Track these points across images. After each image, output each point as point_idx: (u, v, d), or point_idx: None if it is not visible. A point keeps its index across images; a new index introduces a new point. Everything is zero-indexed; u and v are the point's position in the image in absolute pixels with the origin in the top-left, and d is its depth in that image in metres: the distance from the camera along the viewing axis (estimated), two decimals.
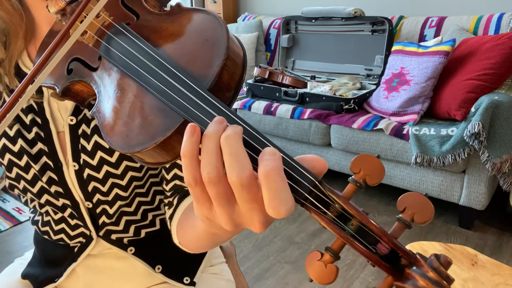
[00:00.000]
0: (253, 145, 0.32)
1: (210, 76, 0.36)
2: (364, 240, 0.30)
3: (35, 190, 0.63)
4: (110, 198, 0.64)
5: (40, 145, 0.62)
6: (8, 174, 0.63)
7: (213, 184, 0.31)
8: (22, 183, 0.63)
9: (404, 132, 2.02)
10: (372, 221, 0.30)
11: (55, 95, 0.44)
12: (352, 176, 0.32)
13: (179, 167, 0.62)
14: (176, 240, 0.58)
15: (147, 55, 0.39)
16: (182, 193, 0.62)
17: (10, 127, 0.61)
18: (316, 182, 0.31)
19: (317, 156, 0.33)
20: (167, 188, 0.63)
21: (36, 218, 0.73)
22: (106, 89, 0.41)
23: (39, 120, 0.62)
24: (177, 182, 0.62)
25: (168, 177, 0.63)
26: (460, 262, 1.05)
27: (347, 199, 0.31)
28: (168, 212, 0.62)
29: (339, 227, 0.31)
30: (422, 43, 2.24)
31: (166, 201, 0.64)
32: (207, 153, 0.31)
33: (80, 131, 0.62)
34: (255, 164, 0.31)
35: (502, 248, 1.89)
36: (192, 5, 3.82)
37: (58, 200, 0.65)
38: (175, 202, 0.61)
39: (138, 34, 0.41)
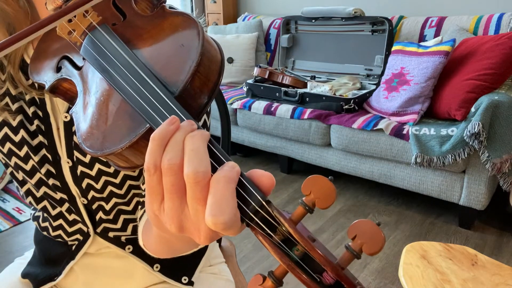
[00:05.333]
0: (217, 154, 0.32)
1: (180, 83, 0.35)
2: (309, 267, 0.29)
3: (33, 181, 0.64)
4: (105, 195, 0.65)
5: (40, 138, 0.63)
6: (8, 162, 0.64)
7: (171, 173, 0.30)
8: (21, 173, 0.64)
9: (404, 132, 2.02)
10: (316, 248, 0.28)
11: (46, 91, 0.45)
12: (303, 198, 0.30)
13: None
14: (141, 242, 0.58)
15: (121, 59, 0.39)
16: None
17: (14, 118, 0.62)
18: (263, 202, 0.30)
19: (265, 172, 0.31)
20: (143, 187, 0.63)
21: (37, 214, 0.74)
22: (86, 89, 0.42)
23: (40, 113, 0.63)
24: None
25: None
26: (460, 262, 1.04)
27: (294, 223, 0.30)
28: (140, 212, 0.62)
29: (283, 251, 0.29)
30: (422, 43, 2.24)
31: (141, 200, 0.65)
32: (174, 142, 0.31)
33: (73, 128, 0.62)
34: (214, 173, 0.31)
35: (502, 248, 1.89)
36: (192, 5, 3.81)
37: (56, 193, 0.66)
38: None
39: (119, 36, 0.41)
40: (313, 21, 2.82)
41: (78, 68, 0.44)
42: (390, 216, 2.19)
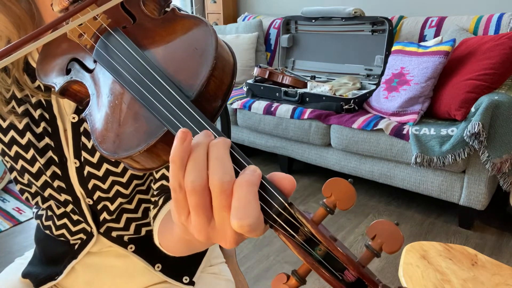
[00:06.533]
0: (238, 159, 0.33)
1: (196, 86, 0.36)
2: (331, 266, 0.30)
3: (39, 183, 0.65)
4: (110, 195, 0.65)
5: (47, 140, 0.63)
6: (14, 165, 0.64)
7: (195, 193, 0.31)
8: (27, 176, 0.65)
9: (404, 132, 2.02)
10: (339, 248, 0.29)
11: (55, 93, 0.45)
12: (324, 200, 0.31)
13: (168, 168, 0.62)
14: (156, 241, 0.58)
15: (136, 62, 0.39)
16: (168, 194, 0.62)
17: (20, 121, 0.62)
18: (286, 205, 0.31)
19: (286, 175, 0.32)
20: (155, 187, 0.64)
21: (40, 212, 0.74)
22: (99, 92, 0.42)
23: (47, 116, 0.63)
24: (165, 182, 0.62)
25: (157, 176, 0.63)
26: (460, 262, 1.05)
27: (316, 223, 0.31)
28: (153, 212, 0.63)
29: (306, 251, 0.30)
30: (422, 43, 2.24)
31: (152, 199, 0.65)
32: (194, 160, 0.31)
33: (81, 129, 0.63)
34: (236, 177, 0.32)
35: (502, 248, 1.89)
36: (192, 5, 3.81)
37: (61, 195, 0.66)
38: (160, 202, 0.62)
39: (131, 39, 0.41)
40: (313, 21, 2.82)
41: (89, 70, 0.43)
42: (390, 216, 2.19)
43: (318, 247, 0.30)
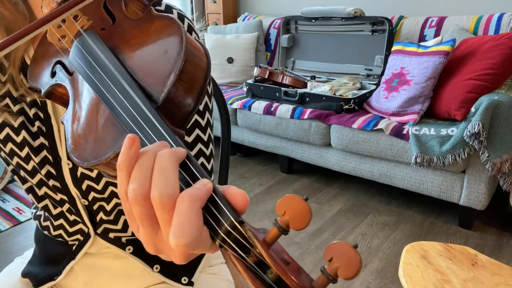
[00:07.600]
0: (192, 171, 0.31)
1: (162, 92, 0.35)
2: None
3: (34, 181, 0.65)
4: (105, 195, 0.65)
5: (41, 139, 0.63)
6: (10, 161, 0.65)
7: (137, 203, 0.29)
8: (22, 173, 0.65)
9: (404, 132, 2.02)
10: (289, 273, 0.27)
11: (42, 97, 0.45)
12: (277, 219, 0.28)
13: None
14: None
15: (106, 68, 0.38)
16: None
17: (15, 119, 0.62)
18: (236, 223, 0.28)
19: (239, 190, 0.30)
20: None
21: (38, 213, 0.74)
22: (76, 96, 0.41)
23: (41, 115, 0.63)
24: None
25: None
26: (460, 262, 1.04)
27: (268, 245, 0.28)
28: None
29: (255, 274, 0.28)
30: (422, 43, 2.24)
31: None
32: (139, 168, 0.30)
33: None
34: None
35: (502, 248, 1.89)
36: (192, 4, 3.81)
37: (56, 195, 0.66)
38: None
39: (107, 41, 0.41)
40: (313, 21, 2.82)
41: (70, 74, 0.43)
42: (390, 216, 2.19)
43: (270, 270, 0.28)
